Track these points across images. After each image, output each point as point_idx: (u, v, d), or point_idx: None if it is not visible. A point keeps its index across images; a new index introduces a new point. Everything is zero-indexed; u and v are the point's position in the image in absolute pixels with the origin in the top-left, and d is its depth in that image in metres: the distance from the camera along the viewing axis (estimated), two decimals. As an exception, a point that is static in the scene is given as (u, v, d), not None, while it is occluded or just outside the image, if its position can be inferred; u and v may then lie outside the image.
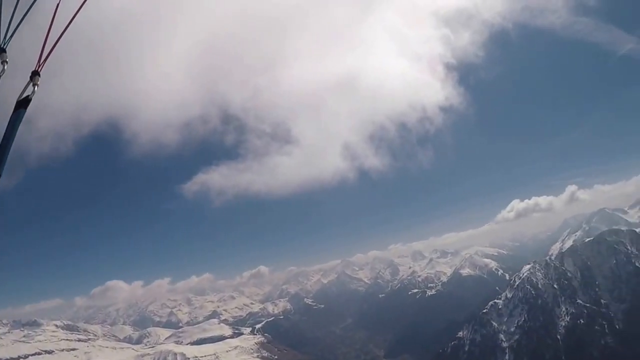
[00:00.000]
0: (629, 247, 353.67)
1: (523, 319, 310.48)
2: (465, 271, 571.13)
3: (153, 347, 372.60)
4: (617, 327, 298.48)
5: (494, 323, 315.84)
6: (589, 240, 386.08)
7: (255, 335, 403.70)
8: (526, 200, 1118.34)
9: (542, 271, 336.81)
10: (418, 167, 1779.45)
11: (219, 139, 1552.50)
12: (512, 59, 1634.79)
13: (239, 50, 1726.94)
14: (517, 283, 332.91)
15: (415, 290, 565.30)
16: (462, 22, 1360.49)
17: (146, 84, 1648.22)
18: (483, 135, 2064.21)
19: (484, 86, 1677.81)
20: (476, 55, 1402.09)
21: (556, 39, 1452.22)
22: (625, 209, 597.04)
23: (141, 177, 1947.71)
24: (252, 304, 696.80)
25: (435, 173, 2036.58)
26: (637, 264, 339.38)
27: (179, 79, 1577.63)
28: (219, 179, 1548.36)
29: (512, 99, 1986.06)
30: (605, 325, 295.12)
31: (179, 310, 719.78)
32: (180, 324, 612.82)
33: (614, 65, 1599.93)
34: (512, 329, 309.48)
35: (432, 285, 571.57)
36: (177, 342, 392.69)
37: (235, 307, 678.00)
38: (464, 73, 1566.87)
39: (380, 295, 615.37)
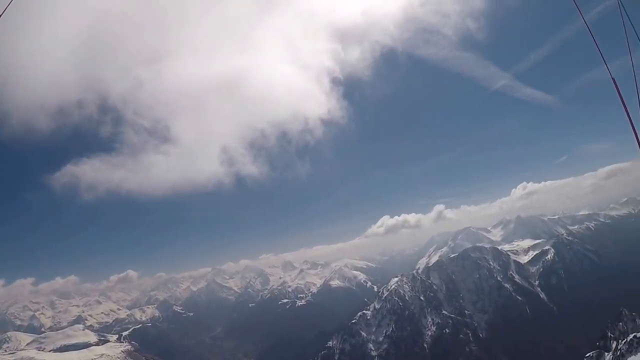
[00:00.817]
0: (491, 263, 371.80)
1: (391, 329, 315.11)
2: (335, 282, 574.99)
3: (13, 353, 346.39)
4: (481, 335, 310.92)
5: (363, 333, 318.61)
6: (454, 256, 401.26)
7: (121, 343, 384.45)
8: (396, 217, 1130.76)
9: (409, 284, 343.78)
10: (294, 178, 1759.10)
11: (94, 130, 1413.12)
12: (397, 82, 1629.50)
13: (126, 37, 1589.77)
14: (385, 295, 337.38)
15: (286, 300, 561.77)
16: (354, 39, 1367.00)
17: (22, 60, 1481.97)
18: (360, 152, 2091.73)
19: (367, 104, 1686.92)
20: (363, 73, 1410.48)
21: (439, 68, 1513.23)
22: (489, 228, 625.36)
23: (6, 164, 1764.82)
24: (119, 309, 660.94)
25: (310, 185, 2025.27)
26: (498, 278, 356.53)
27: (58, 59, 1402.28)
28: (90, 172, 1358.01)
29: (392, 120, 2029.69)
30: (470, 334, 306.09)
31: (42, 314, 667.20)
32: (43, 329, 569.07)
33: (487, 98, 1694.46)
34: (381, 339, 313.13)
35: (302, 295, 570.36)
36: (39, 349, 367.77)
37: (102, 313, 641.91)
38: (349, 89, 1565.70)
39: (250, 305, 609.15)
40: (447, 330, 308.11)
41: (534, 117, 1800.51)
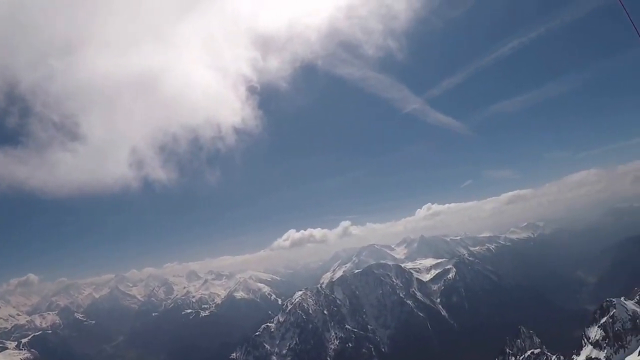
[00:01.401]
0: (394, 280, 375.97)
1: (295, 342, 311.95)
2: (240, 294, 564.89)
3: None
4: (383, 350, 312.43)
5: (267, 345, 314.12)
6: (358, 272, 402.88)
7: (21, 351, 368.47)
8: (302, 231, 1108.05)
9: (313, 298, 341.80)
10: (203, 186, 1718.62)
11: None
12: (313, 96, 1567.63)
13: (41, 23, 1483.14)
14: (289, 308, 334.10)
15: (189, 311, 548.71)
16: (275, 48, 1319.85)
17: None
18: (270, 163, 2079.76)
19: (281, 116, 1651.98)
20: (280, 85, 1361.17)
21: (355, 88, 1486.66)
22: (393, 246, 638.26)
23: None
24: (18, 315, 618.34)
25: (219, 194, 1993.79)
26: (401, 295, 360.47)
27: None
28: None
29: (305, 134, 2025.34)
30: (372, 349, 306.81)
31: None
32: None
33: (399, 120, 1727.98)
34: (284, 352, 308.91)
35: (206, 306, 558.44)
36: None
37: (0, 318, 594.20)
38: (265, 99, 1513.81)
39: (153, 314, 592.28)
40: (350, 345, 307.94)
41: (442, 141, 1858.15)
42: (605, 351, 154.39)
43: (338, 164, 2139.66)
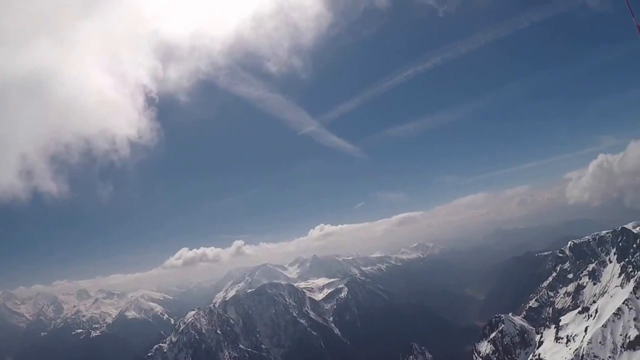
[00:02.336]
0: (287, 299, 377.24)
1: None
2: (131, 313, 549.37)
3: None
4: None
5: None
6: (251, 291, 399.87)
7: None
8: (194, 250, 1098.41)
9: (206, 317, 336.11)
10: (94, 201, 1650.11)
11: None
12: (212, 113, 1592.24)
13: None
14: (181, 328, 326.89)
15: (80, 330, 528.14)
16: (177, 59, 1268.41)
17: None
18: (164, 180, 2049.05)
19: (179, 131, 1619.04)
20: (179, 98, 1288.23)
21: (253, 107, 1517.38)
22: (286, 265, 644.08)
23: None
24: None
25: (111, 210, 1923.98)
26: (294, 314, 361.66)
27: None
28: None
29: (201, 150, 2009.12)
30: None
31: None
32: None
33: (294, 141, 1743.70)
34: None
35: (97, 325, 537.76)
36: None
37: None
38: (163, 111, 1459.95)
39: (42, 334, 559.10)
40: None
41: (337, 163, 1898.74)
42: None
43: (232, 182, 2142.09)
